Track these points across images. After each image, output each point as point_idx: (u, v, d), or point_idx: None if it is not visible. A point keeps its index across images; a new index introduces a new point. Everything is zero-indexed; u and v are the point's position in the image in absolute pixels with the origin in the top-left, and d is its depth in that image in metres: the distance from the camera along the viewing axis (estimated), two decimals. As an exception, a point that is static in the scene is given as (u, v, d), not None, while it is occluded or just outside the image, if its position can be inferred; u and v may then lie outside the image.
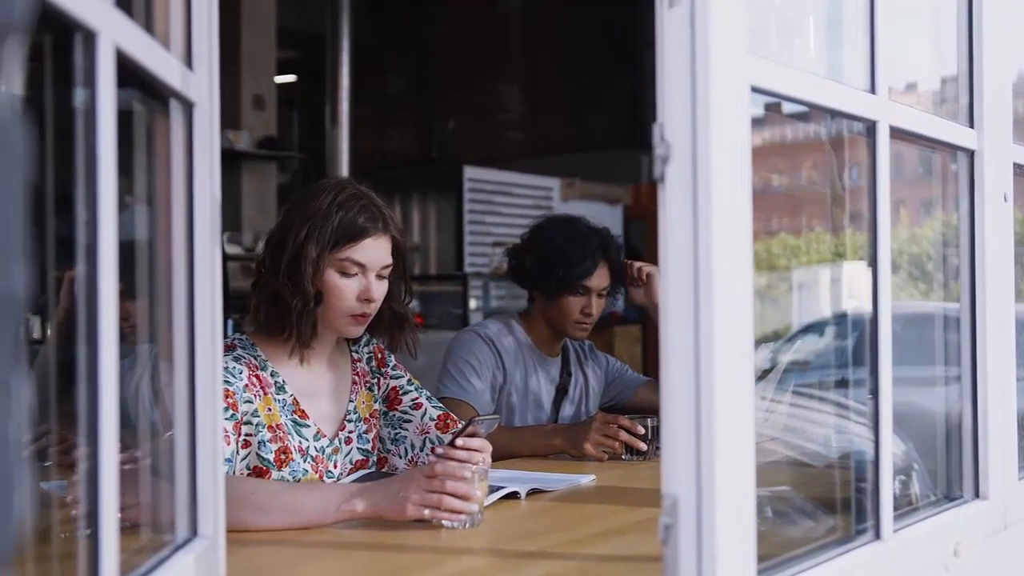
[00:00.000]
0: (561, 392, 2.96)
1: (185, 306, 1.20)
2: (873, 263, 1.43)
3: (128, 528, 1.15)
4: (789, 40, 1.61)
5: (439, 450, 1.94)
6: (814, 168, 1.84)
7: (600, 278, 2.84)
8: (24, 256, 0.44)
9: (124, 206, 1.18)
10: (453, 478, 1.74)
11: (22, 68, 0.51)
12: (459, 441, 1.92)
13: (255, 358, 2.05)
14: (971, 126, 1.70)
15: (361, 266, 2.03)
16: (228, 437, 1.88)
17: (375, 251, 2.04)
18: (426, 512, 1.73)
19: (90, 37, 0.91)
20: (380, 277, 2.06)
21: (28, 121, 0.46)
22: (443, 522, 1.74)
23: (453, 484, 1.73)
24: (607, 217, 7.75)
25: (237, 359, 2.01)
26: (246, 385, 1.98)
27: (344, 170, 7.67)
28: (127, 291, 1.14)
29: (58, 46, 0.92)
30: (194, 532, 1.20)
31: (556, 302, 2.85)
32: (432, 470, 1.76)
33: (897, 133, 1.46)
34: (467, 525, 1.75)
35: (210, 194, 1.23)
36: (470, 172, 7.76)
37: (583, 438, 2.52)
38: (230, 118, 6.79)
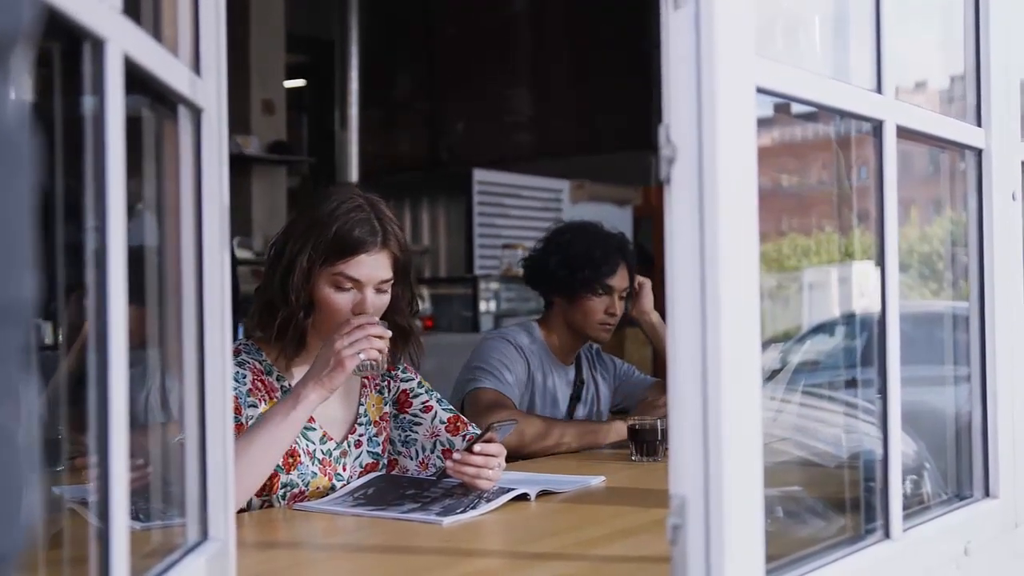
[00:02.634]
0: (575, 400, 2.99)
1: (194, 311, 1.21)
2: (881, 262, 1.43)
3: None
4: (795, 40, 1.62)
5: (456, 455, 1.96)
6: (824, 168, 1.84)
7: (622, 278, 2.89)
8: (32, 262, 0.44)
9: (133, 212, 1.18)
10: (369, 323, 1.93)
11: (29, 76, 0.51)
12: (476, 447, 1.93)
13: (260, 363, 2.05)
14: (979, 124, 1.70)
15: (355, 281, 2.00)
16: None
17: (370, 267, 2.00)
18: (361, 356, 1.89)
19: (98, 45, 0.91)
20: (379, 291, 2.03)
21: (36, 128, 0.47)
22: (366, 363, 1.92)
23: (372, 327, 1.92)
24: (617, 218, 7.76)
25: (241, 364, 2.02)
26: (250, 390, 1.99)
27: (353, 174, 7.70)
28: (136, 297, 1.15)
29: (67, 54, 0.93)
30: (205, 535, 1.20)
31: (579, 305, 2.87)
32: (348, 324, 1.92)
33: (904, 132, 1.45)
34: (382, 361, 1.96)
35: (219, 200, 1.23)
36: (479, 175, 7.76)
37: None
38: (240, 122, 6.81)
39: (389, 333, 1.96)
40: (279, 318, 1.99)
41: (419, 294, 2.22)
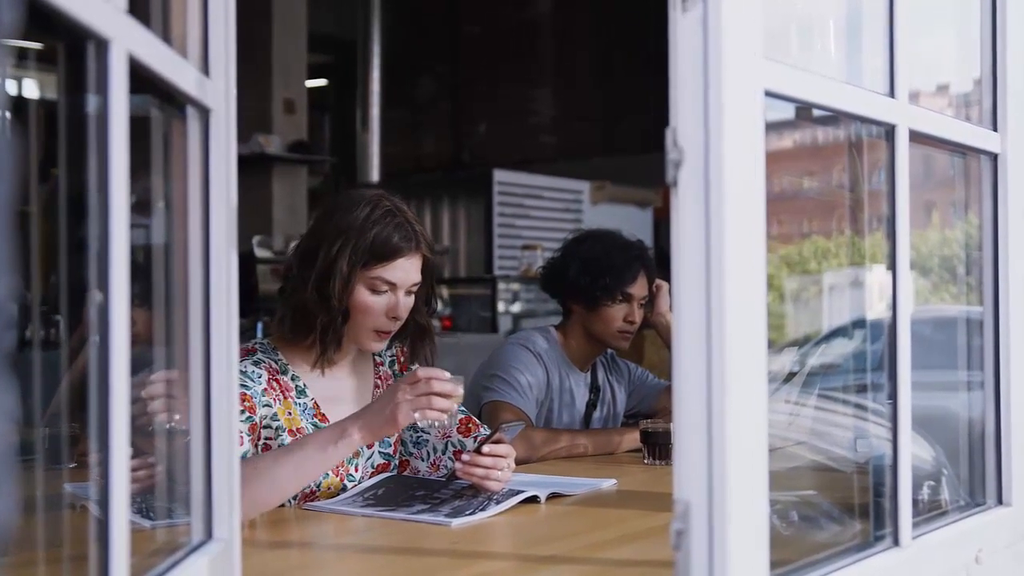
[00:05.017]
0: (591, 408, 2.98)
1: (201, 311, 1.21)
2: (892, 267, 1.42)
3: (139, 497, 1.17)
4: (809, 44, 1.61)
5: (465, 456, 1.95)
6: (844, 171, 1.83)
7: (641, 286, 2.89)
8: (10, 265, 0.44)
9: (144, 211, 1.19)
10: (437, 379, 1.84)
11: (8, 79, 0.51)
12: (486, 447, 1.93)
13: (275, 362, 2.06)
14: (995, 129, 1.69)
15: (392, 284, 2.03)
16: (242, 438, 1.90)
17: (406, 270, 2.04)
18: (416, 415, 1.82)
19: (102, 45, 0.92)
20: (408, 293, 2.07)
21: (16, 131, 0.47)
22: (425, 421, 1.85)
23: (439, 383, 1.83)
24: (637, 220, 7.75)
25: (257, 363, 2.02)
26: (265, 389, 1.99)
27: (375, 174, 7.71)
28: (143, 297, 1.15)
29: (71, 54, 0.93)
30: (209, 535, 1.21)
31: (599, 312, 2.87)
32: (415, 376, 1.85)
33: (917, 137, 1.44)
34: (447, 422, 1.87)
35: (226, 200, 1.23)
36: (500, 175, 7.76)
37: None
38: (261, 122, 6.83)
39: (460, 392, 1.88)
40: (319, 323, 2.00)
41: (437, 294, 2.22)
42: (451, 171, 9.43)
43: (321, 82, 9.18)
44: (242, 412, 1.91)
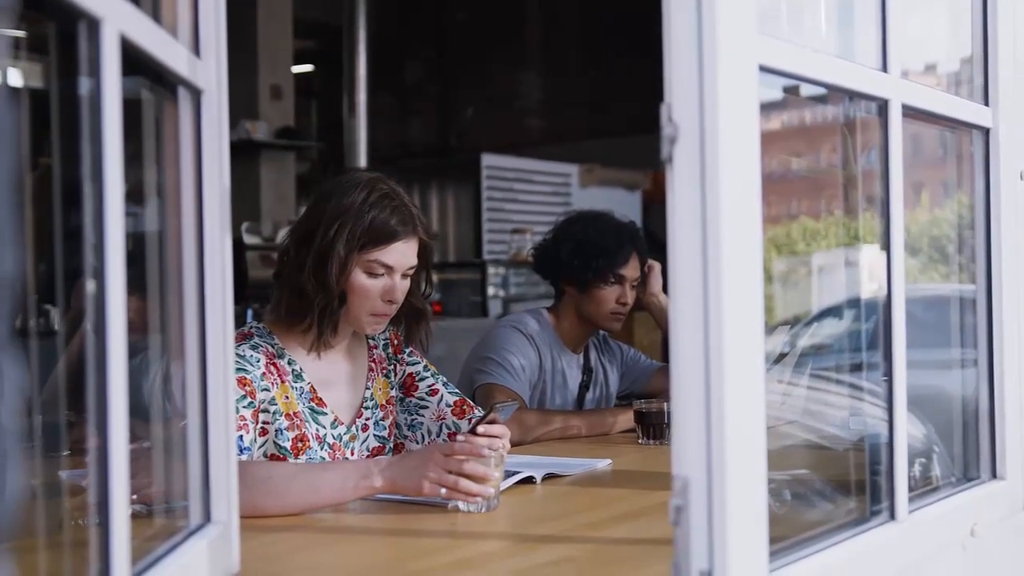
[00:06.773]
0: (583, 389, 2.99)
1: (196, 294, 1.21)
2: (886, 244, 1.42)
3: (143, 511, 1.16)
4: (801, 22, 1.60)
5: (460, 437, 1.95)
6: (834, 151, 1.83)
7: (634, 268, 2.90)
8: (13, 240, 0.44)
9: (136, 195, 1.18)
10: (472, 458, 1.74)
11: (7, 59, 0.51)
12: (480, 428, 1.93)
13: (272, 346, 2.05)
14: (986, 104, 1.69)
15: (388, 268, 2.02)
16: (247, 424, 1.88)
17: (403, 254, 2.03)
18: (442, 491, 1.73)
19: (94, 25, 0.91)
20: (405, 276, 2.06)
21: (13, 109, 0.46)
22: (458, 504, 1.75)
23: (471, 465, 1.73)
24: (626, 202, 7.75)
25: (254, 347, 2.01)
26: (263, 373, 1.98)
27: (363, 159, 7.68)
28: (136, 284, 1.14)
29: (63, 36, 0.92)
30: (207, 518, 1.21)
31: (591, 294, 2.87)
32: (452, 448, 1.76)
33: (910, 111, 1.44)
34: (482, 509, 1.75)
35: (219, 181, 1.23)
36: (488, 159, 7.75)
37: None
38: (248, 108, 6.80)
39: (496, 476, 1.77)
40: (316, 307, 1.99)
41: (431, 278, 2.22)
42: (439, 156, 9.42)
43: (307, 68, 9.14)
44: (243, 397, 1.90)
